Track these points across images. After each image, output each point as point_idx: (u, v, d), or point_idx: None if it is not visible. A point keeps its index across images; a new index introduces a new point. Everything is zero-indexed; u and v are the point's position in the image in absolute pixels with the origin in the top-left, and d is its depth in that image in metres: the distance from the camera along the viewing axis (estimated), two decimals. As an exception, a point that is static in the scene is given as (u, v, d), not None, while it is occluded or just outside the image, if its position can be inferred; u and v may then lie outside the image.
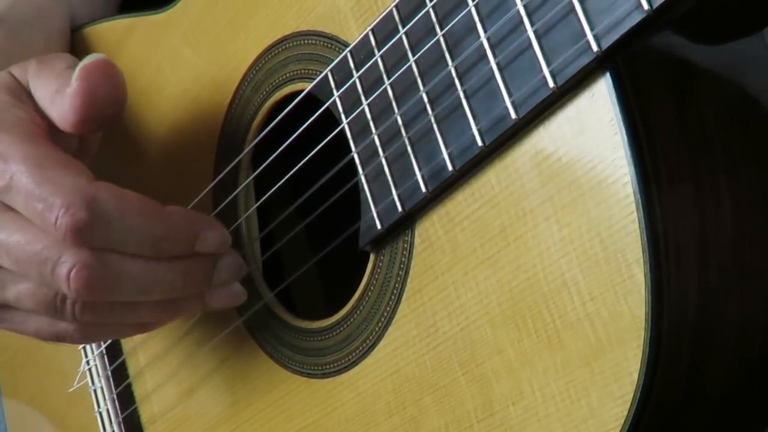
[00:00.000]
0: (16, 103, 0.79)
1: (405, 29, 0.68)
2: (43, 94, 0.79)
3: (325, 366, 0.78)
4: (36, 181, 0.74)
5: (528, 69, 0.62)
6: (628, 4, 0.57)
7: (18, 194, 0.75)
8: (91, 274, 0.74)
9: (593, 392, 0.62)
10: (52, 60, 0.81)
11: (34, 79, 0.81)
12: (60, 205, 0.73)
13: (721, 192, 0.62)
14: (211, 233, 0.78)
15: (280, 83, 0.81)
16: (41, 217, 0.74)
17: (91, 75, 0.77)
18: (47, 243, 0.75)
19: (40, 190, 0.74)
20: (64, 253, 0.74)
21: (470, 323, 0.68)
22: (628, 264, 0.60)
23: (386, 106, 0.70)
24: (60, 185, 0.74)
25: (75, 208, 0.73)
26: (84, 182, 0.74)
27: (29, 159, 0.75)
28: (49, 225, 0.73)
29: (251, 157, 0.85)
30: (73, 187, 0.73)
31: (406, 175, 0.69)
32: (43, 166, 0.75)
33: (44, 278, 0.76)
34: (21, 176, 0.74)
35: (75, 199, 0.73)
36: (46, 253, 0.75)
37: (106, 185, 0.75)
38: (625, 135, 0.59)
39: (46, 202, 0.73)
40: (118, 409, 0.98)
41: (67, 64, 0.80)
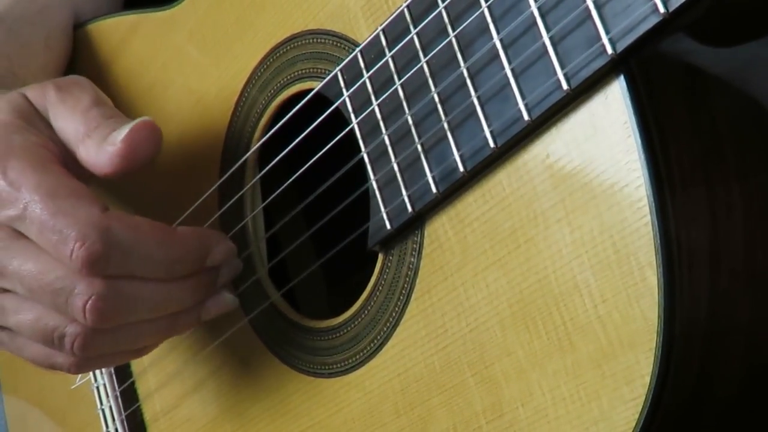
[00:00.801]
0: (28, 128, 0.79)
1: (417, 29, 0.68)
2: (69, 131, 0.79)
3: (332, 365, 0.78)
4: (50, 213, 0.74)
5: (542, 71, 0.62)
6: (645, 7, 0.57)
7: (32, 224, 0.75)
8: (106, 305, 0.75)
9: (604, 395, 0.62)
10: (72, 88, 0.81)
11: (56, 108, 0.80)
12: (75, 238, 0.73)
13: (732, 196, 0.62)
14: (220, 248, 0.79)
15: (287, 82, 0.81)
16: (55, 249, 0.74)
17: (136, 136, 0.77)
18: (60, 274, 0.75)
19: (54, 222, 0.74)
20: (78, 284, 0.75)
21: (480, 324, 0.68)
22: (640, 267, 0.60)
23: (397, 107, 0.70)
24: (74, 217, 0.74)
25: (90, 240, 0.73)
26: (97, 213, 0.74)
27: (41, 188, 0.75)
28: (65, 257, 0.74)
29: (258, 157, 0.85)
30: (87, 219, 0.74)
31: (416, 175, 0.69)
32: (56, 196, 0.75)
33: (59, 308, 0.76)
34: (35, 206, 0.75)
35: (89, 232, 0.73)
36: (59, 284, 0.75)
37: (118, 215, 0.75)
38: (639, 138, 0.59)
39: (61, 234, 0.74)
40: (121, 406, 0.98)
41: (92, 100, 0.80)
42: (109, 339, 0.78)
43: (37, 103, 0.81)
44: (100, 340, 0.78)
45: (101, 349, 0.79)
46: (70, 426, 1.09)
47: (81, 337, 0.77)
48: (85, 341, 0.77)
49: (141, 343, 0.81)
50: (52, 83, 0.82)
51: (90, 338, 0.77)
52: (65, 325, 0.77)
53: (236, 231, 0.85)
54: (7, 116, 0.79)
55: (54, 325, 0.78)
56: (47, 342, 0.79)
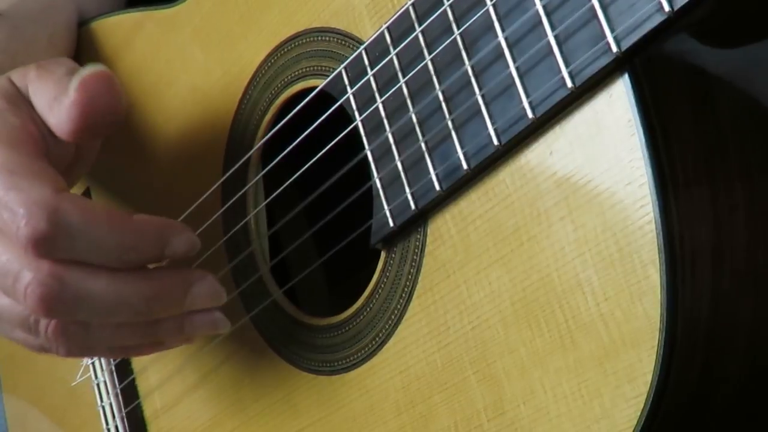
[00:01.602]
0: (11, 109, 0.78)
1: (421, 27, 0.68)
2: (42, 101, 0.78)
3: (333, 363, 0.78)
4: (4, 188, 0.73)
5: (546, 69, 0.62)
6: (650, 5, 0.57)
7: None
8: (45, 291, 0.73)
9: (606, 393, 0.62)
10: (51, 65, 0.80)
11: (34, 84, 0.79)
12: (22, 215, 0.72)
13: (735, 195, 0.62)
14: (180, 237, 0.76)
15: (291, 80, 0.81)
16: (6, 226, 0.73)
17: (89, 85, 0.75)
18: (11, 256, 0.74)
19: (7, 198, 0.72)
20: (23, 268, 0.73)
21: (482, 322, 0.68)
22: (643, 265, 0.60)
23: (401, 104, 0.70)
24: (25, 194, 0.72)
25: (36, 218, 0.71)
26: (48, 193, 0.72)
27: (4, 166, 0.74)
28: (12, 234, 0.72)
29: (261, 154, 0.85)
30: (37, 197, 0.72)
31: (420, 173, 0.69)
32: (14, 173, 0.73)
33: (7, 292, 0.75)
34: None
35: (36, 210, 0.71)
36: (9, 265, 0.74)
37: (71, 196, 0.73)
38: (643, 136, 0.59)
39: (11, 211, 0.72)
40: (121, 403, 0.98)
41: (67, 70, 0.78)
42: (82, 331, 0.76)
43: (20, 84, 0.80)
44: (73, 330, 0.76)
45: (80, 340, 0.77)
46: (69, 423, 1.09)
47: (54, 323, 0.76)
48: (58, 327, 0.76)
49: (120, 342, 0.79)
50: (35, 64, 0.81)
51: (64, 326, 0.76)
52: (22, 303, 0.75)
53: (238, 229, 0.85)
54: None
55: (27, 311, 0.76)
56: (24, 327, 0.78)
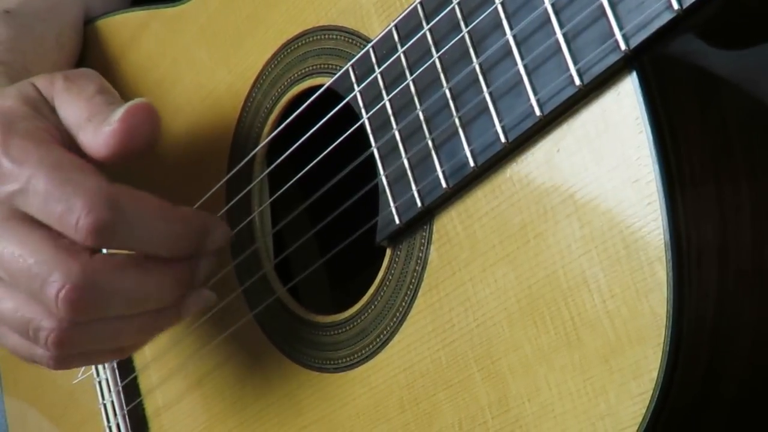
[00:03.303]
0: (34, 114, 0.79)
1: (429, 25, 0.69)
2: (72, 117, 0.79)
3: (337, 360, 0.78)
4: (56, 183, 0.74)
5: (554, 67, 0.62)
6: (658, 3, 0.57)
7: (35, 196, 0.74)
8: (79, 295, 0.74)
9: (611, 390, 0.62)
10: (79, 79, 0.81)
11: (62, 97, 0.80)
12: (82, 206, 0.73)
13: (741, 194, 0.62)
14: (220, 230, 0.78)
15: (298, 78, 0.81)
16: (60, 219, 0.73)
17: (132, 118, 0.76)
18: (40, 259, 0.74)
19: (60, 192, 0.73)
20: (54, 271, 0.74)
21: (487, 319, 0.68)
22: (650, 262, 0.60)
23: (408, 102, 0.71)
24: (81, 186, 0.73)
25: (98, 208, 0.72)
26: (105, 183, 0.74)
27: (45, 161, 0.75)
28: (69, 226, 0.73)
29: (266, 152, 0.85)
30: (94, 188, 0.73)
31: (426, 170, 0.69)
32: (60, 167, 0.74)
33: (33, 294, 0.75)
34: (38, 179, 0.74)
35: (97, 200, 0.73)
36: (36, 268, 0.74)
37: (124, 187, 0.75)
38: (650, 134, 0.60)
39: (67, 203, 0.73)
40: (123, 401, 0.98)
41: (97, 88, 0.80)
42: (85, 335, 0.77)
43: (45, 92, 0.81)
44: (76, 336, 0.77)
45: (78, 345, 0.78)
46: (70, 422, 1.09)
47: (56, 332, 0.76)
48: (59, 337, 0.76)
49: (120, 342, 0.80)
50: (61, 73, 0.82)
51: (65, 334, 0.76)
52: (41, 318, 0.76)
53: (243, 226, 0.85)
54: (14, 102, 0.79)
55: (30, 317, 0.77)
56: (24, 334, 0.78)
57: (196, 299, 0.79)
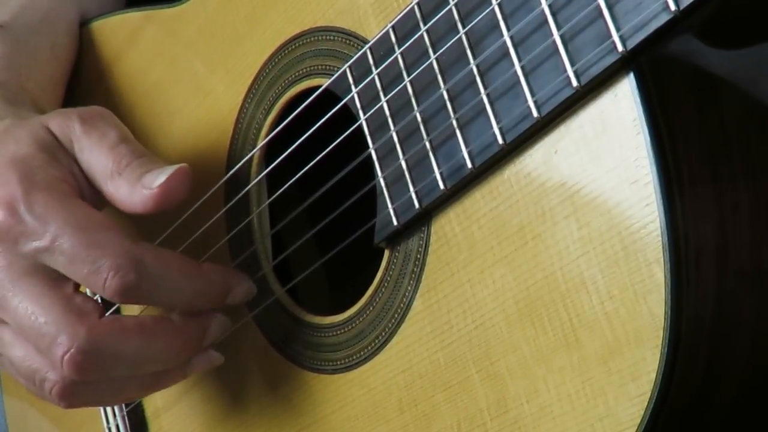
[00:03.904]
0: (50, 161, 0.80)
1: (426, 26, 0.69)
2: (98, 167, 0.80)
3: (336, 362, 0.78)
4: (82, 245, 0.75)
5: (552, 68, 0.62)
6: (656, 5, 0.57)
7: (61, 256, 0.76)
8: (84, 359, 0.76)
9: (610, 391, 0.62)
10: (97, 122, 0.82)
11: (82, 143, 0.81)
12: (109, 268, 0.75)
13: (739, 195, 0.62)
14: (242, 286, 0.81)
15: (295, 79, 0.81)
16: (86, 280, 0.76)
17: (174, 184, 0.78)
18: (50, 319, 0.76)
19: (87, 253, 0.75)
20: (61, 334, 0.76)
21: (485, 321, 0.68)
22: (648, 264, 0.60)
23: (405, 103, 0.71)
24: (107, 248, 0.75)
25: (124, 270, 0.75)
26: (129, 244, 0.76)
27: (71, 221, 0.76)
28: (97, 287, 0.75)
29: (264, 153, 0.85)
30: (120, 249, 0.75)
31: (424, 172, 0.69)
32: (87, 229, 0.76)
33: (42, 352, 0.78)
34: (64, 239, 0.76)
35: (123, 262, 0.75)
36: (45, 329, 0.76)
37: (149, 246, 0.77)
38: (648, 135, 0.60)
39: (93, 265, 0.75)
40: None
41: (118, 135, 0.81)
42: (89, 390, 0.80)
43: (61, 135, 0.82)
44: (80, 390, 0.79)
45: (81, 398, 0.80)
46: (69, 423, 1.09)
47: (60, 385, 0.79)
48: (63, 390, 0.79)
49: (123, 397, 0.83)
50: (76, 113, 0.82)
51: (68, 389, 0.79)
52: (47, 369, 0.79)
53: (242, 228, 0.85)
54: (29, 149, 0.80)
55: (36, 367, 0.79)
56: (29, 381, 0.81)
57: (202, 361, 0.81)
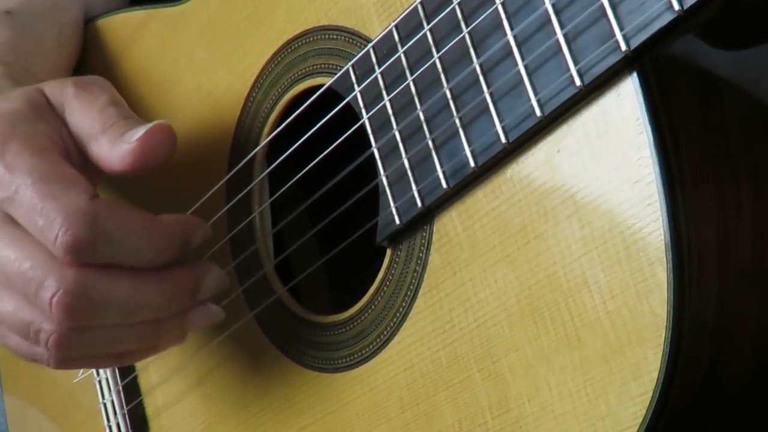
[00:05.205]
0: (37, 117, 0.79)
1: (430, 25, 0.69)
2: (84, 126, 0.79)
3: (337, 360, 0.78)
4: (39, 195, 0.73)
5: (555, 67, 0.62)
6: (659, 4, 0.57)
7: (21, 207, 0.74)
8: (73, 301, 0.74)
9: (611, 391, 0.62)
10: (90, 86, 0.81)
11: (72, 104, 0.80)
12: (60, 224, 0.72)
13: (742, 195, 0.62)
14: (199, 232, 0.78)
15: (298, 78, 0.81)
16: (41, 233, 0.73)
17: (152, 139, 0.77)
18: (34, 263, 0.74)
19: (42, 206, 0.73)
20: (48, 277, 0.74)
21: (487, 320, 0.68)
22: (650, 263, 0.60)
23: (408, 102, 0.71)
24: (62, 202, 0.73)
25: (76, 226, 0.72)
26: (86, 200, 0.73)
27: (35, 172, 0.74)
28: (49, 242, 0.73)
29: (266, 152, 0.85)
30: (75, 205, 0.73)
31: (427, 171, 0.69)
32: (47, 180, 0.74)
33: (29, 298, 0.76)
34: (26, 190, 0.74)
35: (76, 218, 0.72)
36: (32, 273, 0.74)
37: (106, 202, 0.74)
38: (651, 135, 0.60)
39: (47, 218, 0.73)
40: (123, 400, 0.98)
41: (109, 99, 0.80)
42: (85, 339, 0.77)
43: (54, 99, 0.81)
44: (75, 339, 0.77)
45: (78, 349, 0.78)
46: (70, 422, 1.09)
47: (56, 335, 0.76)
48: (59, 339, 0.76)
49: (120, 347, 0.79)
50: (72, 80, 0.82)
51: (65, 337, 0.76)
52: (41, 320, 0.76)
53: (243, 226, 0.85)
54: (18, 105, 0.79)
55: (30, 319, 0.77)
56: (25, 336, 0.78)
57: (200, 313, 0.79)
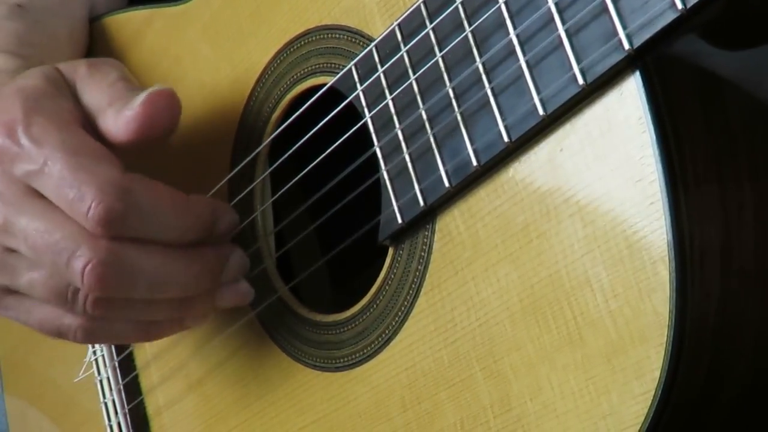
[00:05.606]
0: (58, 94, 0.79)
1: (432, 24, 0.69)
2: (94, 102, 0.80)
3: (339, 359, 0.78)
4: (70, 168, 0.74)
5: (557, 66, 0.62)
6: (662, 3, 0.57)
7: (50, 179, 0.75)
8: (105, 270, 0.74)
9: (613, 389, 0.62)
10: (102, 65, 0.81)
11: (84, 81, 0.81)
12: (93, 196, 0.73)
13: (744, 195, 0.62)
14: (226, 217, 0.80)
15: (301, 77, 0.81)
16: (71, 205, 0.74)
17: (154, 103, 0.77)
18: (65, 233, 0.75)
19: (73, 178, 0.74)
20: (80, 246, 0.74)
21: (489, 319, 0.68)
22: (652, 262, 0.60)
23: (411, 101, 0.71)
24: (94, 174, 0.74)
25: (110, 198, 0.73)
26: (118, 173, 0.74)
27: (64, 145, 0.75)
28: (80, 214, 0.73)
29: (269, 151, 0.85)
30: (108, 177, 0.74)
31: (429, 169, 0.69)
32: (78, 153, 0.75)
33: (58, 269, 0.76)
34: (55, 162, 0.74)
35: (110, 190, 0.73)
36: (62, 243, 0.75)
37: (138, 177, 0.75)
38: (654, 134, 0.60)
39: (78, 191, 0.73)
40: (124, 400, 0.98)
41: (119, 75, 0.80)
42: (119, 305, 0.77)
43: (68, 77, 0.81)
44: (110, 308, 0.77)
45: (113, 313, 0.78)
46: (70, 421, 1.09)
47: (93, 297, 0.76)
48: (98, 299, 0.76)
49: (152, 317, 0.80)
50: (85, 60, 0.83)
51: (101, 301, 0.76)
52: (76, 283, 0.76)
53: (245, 225, 0.85)
54: (38, 81, 0.80)
55: (66, 282, 0.77)
56: (60, 299, 0.78)
57: (232, 291, 0.80)
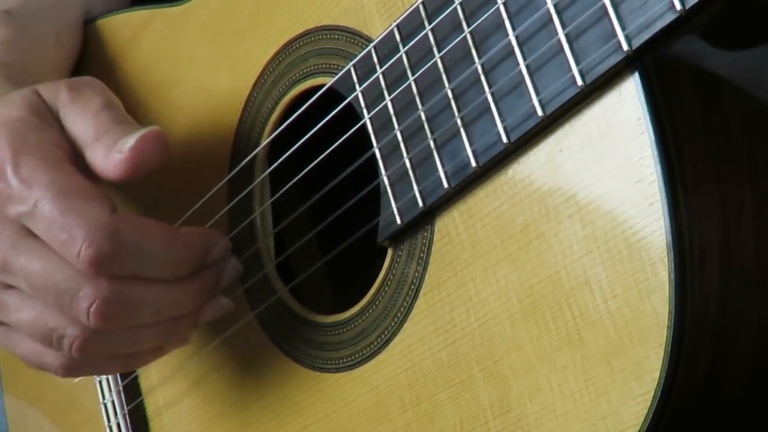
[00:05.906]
0: (42, 125, 0.79)
1: (431, 25, 0.69)
2: (80, 132, 0.79)
3: (338, 360, 0.78)
4: (59, 211, 0.74)
5: (556, 67, 0.62)
6: (661, 4, 0.57)
7: (41, 222, 0.75)
8: (109, 308, 0.75)
9: (613, 390, 0.62)
10: (84, 89, 0.81)
11: (67, 109, 0.80)
12: (83, 238, 0.74)
13: (743, 195, 0.62)
14: (218, 245, 0.81)
15: (300, 78, 0.81)
16: (63, 248, 0.75)
17: (144, 146, 0.77)
18: (66, 275, 0.76)
19: (63, 221, 0.74)
20: (84, 287, 0.75)
21: (489, 319, 0.68)
22: (652, 263, 0.60)
23: (410, 102, 0.71)
24: (83, 216, 0.74)
25: (99, 241, 0.73)
26: (107, 214, 0.75)
27: (53, 186, 0.75)
28: (72, 256, 0.74)
29: (268, 152, 0.85)
30: (96, 219, 0.74)
31: (428, 170, 0.69)
32: (66, 195, 0.75)
33: (63, 309, 0.77)
34: (45, 204, 0.75)
35: (98, 232, 0.74)
36: (64, 285, 0.76)
37: (126, 216, 0.76)
38: (653, 134, 0.60)
39: (69, 233, 0.74)
40: (123, 401, 0.98)
41: (102, 102, 0.80)
42: (108, 341, 0.79)
43: (50, 101, 0.81)
44: (98, 342, 0.79)
45: (98, 351, 0.80)
46: (70, 422, 1.09)
47: (80, 340, 0.78)
48: (83, 343, 0.78)
49: (139, 347, 0.81)
50: (65, 83, 0.82)
51: (89, 340, 0.78)
52: (65, 326, 0.78)
53: (244, 226, 0.85)
54: (21, 112, 0.79)
55: (54, 325, 0.78)
56: (45, 341, 0.79)
57: (213, 307, 0.81)
